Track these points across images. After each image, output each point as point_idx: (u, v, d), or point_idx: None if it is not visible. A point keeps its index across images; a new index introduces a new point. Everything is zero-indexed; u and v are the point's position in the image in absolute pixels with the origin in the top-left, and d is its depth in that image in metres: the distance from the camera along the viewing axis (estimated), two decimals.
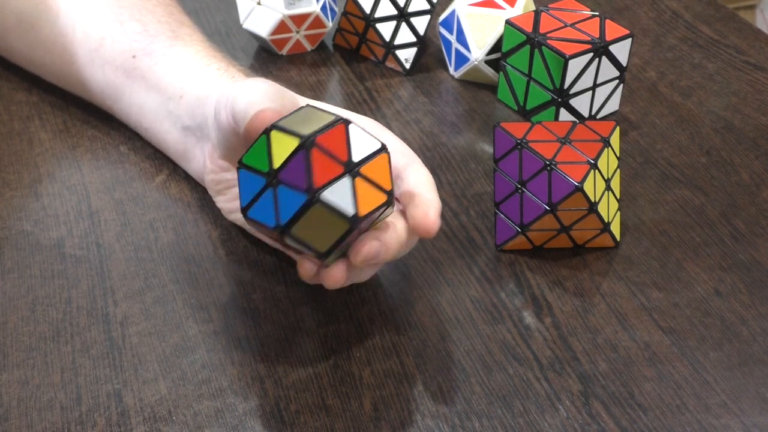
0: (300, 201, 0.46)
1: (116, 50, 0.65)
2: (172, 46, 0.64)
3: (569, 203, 0.55)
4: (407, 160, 0.54)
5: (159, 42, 0.64)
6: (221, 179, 0.59)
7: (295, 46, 0.79)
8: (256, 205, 0.48)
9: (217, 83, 0.59)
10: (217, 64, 0.62)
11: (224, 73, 0.60)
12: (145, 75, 0.64)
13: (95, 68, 0.67)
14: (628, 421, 0.49)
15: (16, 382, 0.51)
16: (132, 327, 0.54)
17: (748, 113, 0.72)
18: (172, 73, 0.62)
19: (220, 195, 0.60)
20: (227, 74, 0.60)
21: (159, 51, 0.64)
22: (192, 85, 0.61)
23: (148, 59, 0.64)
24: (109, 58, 0.66)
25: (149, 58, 0.64)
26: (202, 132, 0.59)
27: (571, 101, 0.68)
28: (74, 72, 0.68)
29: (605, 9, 0.86)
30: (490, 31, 0.73)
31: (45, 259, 0.59)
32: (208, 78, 0.60)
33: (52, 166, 0.66)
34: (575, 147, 0.56)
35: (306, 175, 0.46)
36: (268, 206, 0.47)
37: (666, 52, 0.80)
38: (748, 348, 0.53)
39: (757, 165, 0.67)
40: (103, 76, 0.66)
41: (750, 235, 0.61)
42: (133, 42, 0.65)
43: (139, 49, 0.64)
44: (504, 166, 0.58)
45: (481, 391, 0.51)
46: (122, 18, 0.66)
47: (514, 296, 0.57)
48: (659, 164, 0.67)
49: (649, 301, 0.56)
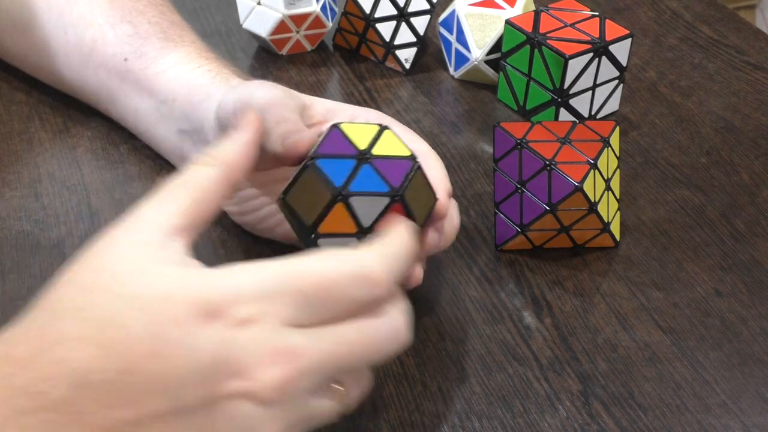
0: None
1: (108, 53, 0.65)
2: (162, 48, 0.64)
3: (569, 203, 0.55)
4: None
5: (150, 44, 0.64)
6: None
7: (295, 46, 0.79)
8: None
9: (210, 87, 0.59)
10: (209, 65, 0.61)
11: (216, 76, 0.60)
12: (138, 78, 0.63)
13: (89, 72, 0.66)
14: (628, 421, 0.49)
15: None
16: None
17: (748, 113, 0.72)
18: (163, 76, 0.62)
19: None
20: (219, 78, 0.59)
21: (150, 54, 0.63)
22: (184, 89, 0.60)
23: (140, 62, 0.63)
24: (101, 62, 0.65)
25: (140, 60, 0.63)
26: (198, 136, 0.59)
27: (571, 101, 0.68)
28: (69, 75, 0.68)
29: (605, 9, 0.86)
30: (490, 31, 0.73)
31: (45, 259, 0.59)
32: (201, 81, 0.60)
33: (52, 166, 0.66)
34: (575, 147, 0.56)
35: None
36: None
37: (666, 52, 0.80)
38: (748, 348, 0.53)
39: (757, 165, 0.67)
40: (97, 79, 0.66)
41: (750, 235, 0.61)
42: (124, 45, 0.65)
43: (131, 52, 0.64)
44: (504, 166, 0.58)
45: (481, 391, 0.51)
46: (113, 20, 0.66)
47: (514, 296, 0.57)
48: (659, 164, 0.67)
49: (649, 301, 0.56)
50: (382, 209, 0.46)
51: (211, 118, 0.56)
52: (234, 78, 0.59)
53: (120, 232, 0.41)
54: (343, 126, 0.48)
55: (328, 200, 0.45)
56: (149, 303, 0.38)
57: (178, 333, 0.38)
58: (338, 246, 0.43)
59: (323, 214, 0.46)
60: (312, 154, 0.46)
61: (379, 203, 0.46)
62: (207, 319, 0.38)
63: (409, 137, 0.53)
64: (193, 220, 0.42)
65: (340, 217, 0.46)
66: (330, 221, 0.46)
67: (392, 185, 0.46)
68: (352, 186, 0.46)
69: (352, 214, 0.46)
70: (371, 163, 0.46)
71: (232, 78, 0.59)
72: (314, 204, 0.46)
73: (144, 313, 0.38)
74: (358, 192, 0.46)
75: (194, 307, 0.38)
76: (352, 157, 0.46)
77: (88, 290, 0.40)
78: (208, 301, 0.38)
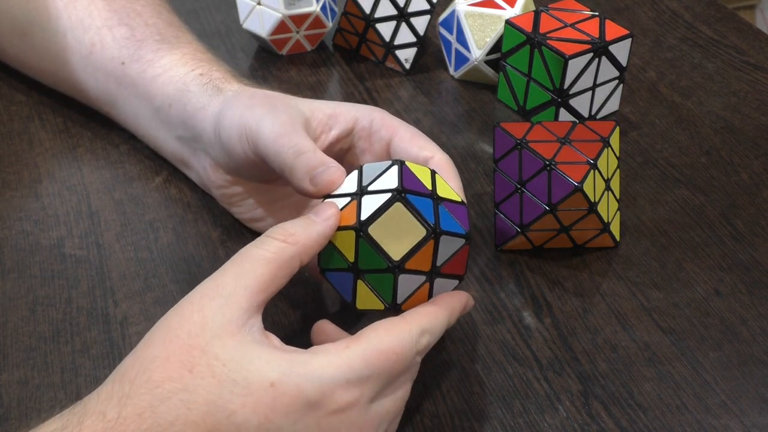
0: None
1: (106, 57, 0.65)
2: (158, 50, 0.63)
3: (569, 203, 0.55)
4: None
5: (146, 47, 0.64)
6: (233, 193, 0.59)
7: (295, 46, 0.79)
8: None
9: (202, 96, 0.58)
10: (201, 69, 0.61)
11: (208, 84, 0.59)
12: (135, 83, 0.63)
13: (88, 75, 0.66)
14: (627, 421, 0.49)
15: (16, 382, 0.51)
16: (132, 327, 0.54)
17: (748, 113, 0.72)
18: (159, 80, 0.62)
19: (234, 207, 0.60)
20: (211, 86, 0.59)
21: (146, 57, 0.63)
22: (177, 94, 0.60)
23: (137, 66, 0.63)
24: (100, 65, 0.65)
25: (137, 64, 0.63)
26: (197, 144, 0.59)
27: (570, 101, 0.68)
28: (69, 77, 0.68)
29: (605, 9, 0.86)
30: (490, 31, 0.73)
31: (45, 259, 0.59)
32: (192, 88, 0.59)
33: (52, 166, 0.66)
34: (575, 147, 0.56)
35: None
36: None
37: (666, 52, 0.80)
38: (748, 348, 0.53)
39: (757, 165, 0.67)
40: (96, 82, 0.66)
41: (750, 235, 0.61)
42: (121, 48, 0.64)
43: (128, 55, 0.64)
44: (504, 167, 0.58)
45: (481, 391, 0.51)
46: (111, 23, 0.66)
47: (514, 296, 0.57)
48: (659, 164, 0.67)
49: (649, 301, 0.56)
50: (456, 249, 0.47)
51: (209, 131, 0.56)
52: (227, 84, 0.59)
53: (209, 309, 0.43)
54: (409, 164, 0.47)
55: (422, 237, 0.45)
56: (255, 391, 0.41)
57: (282, 421, 0.41)
58: (410, 284, 0.46)
59: (414, 250, 0.46)
60: (398, 188, 0.45)
61: (455, 244, 0.47)
62: (309, 408, 0.42)
63: (422, 143, 0.54)
64: (268, 296, 0.44)
65: (424, 255, 0.46)
66: (416, 258, 0.46)
67: (465, 227, 0.47)
68: (441, 224, 0.46)
69: (435, 252, 0.46)
70: (444, 204, 0.47)
71: (224, 84, 0.59)
72: (402, 239, 0.45)
73: (249, 400, 0.41)
74: (446, 231, 0.46)
75: (297, 398, 0.41)
76: (428, 197, 0.46)
77: (187, 369, 0.41)
78: (311, 391, 0.41)
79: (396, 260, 0.45)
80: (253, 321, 0.43)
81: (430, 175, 0.48)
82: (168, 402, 0.40)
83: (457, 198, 0.48)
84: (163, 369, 0.41)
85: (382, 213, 0.45)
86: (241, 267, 0.44)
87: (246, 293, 0.43)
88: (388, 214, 0.45)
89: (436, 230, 0.45)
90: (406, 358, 0.44)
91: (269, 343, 0.43)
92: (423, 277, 0.47)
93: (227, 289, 0.43)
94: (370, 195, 0.46)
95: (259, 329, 0.43)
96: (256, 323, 0.43)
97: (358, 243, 0.46)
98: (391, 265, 0.46)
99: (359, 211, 0.46)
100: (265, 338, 0.43)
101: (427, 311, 0.46)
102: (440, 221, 0.46)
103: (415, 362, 0.45)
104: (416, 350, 0.45)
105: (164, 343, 0.42)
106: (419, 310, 0.46)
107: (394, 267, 0.46)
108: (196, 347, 0.41)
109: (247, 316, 0.43)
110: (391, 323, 0.45)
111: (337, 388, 0.42)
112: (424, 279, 0.47)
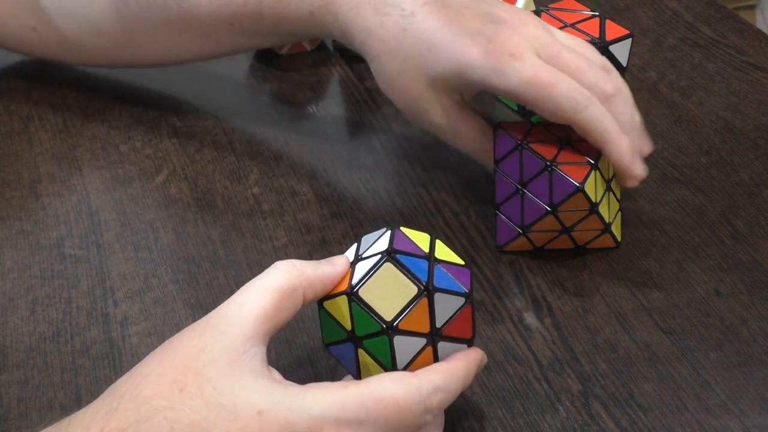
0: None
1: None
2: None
3: (570, 204, 0.55)
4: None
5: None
6: None
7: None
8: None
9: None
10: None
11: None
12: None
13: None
14: (627, 422, 0.49)
15: (16, 382, 0.51)
16: (132, 327, 0.54)
17: (748, 113, 0.72)
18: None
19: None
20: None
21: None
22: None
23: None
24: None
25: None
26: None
27: None
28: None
29: (605, 9, 0.85)
30: None
31: (45, 259, 0.59)
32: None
33: (52, 166, 0.66)
34: (576, 147, 0.56)
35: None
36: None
37: (666, 52, 0.80)
38: (748, 348, 0.53)
39: (757, 165, 0.67)
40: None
41: (750, 235, 0.61)
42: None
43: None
44: (504, 167, 0.58)
45: (481, 391, 0.51)
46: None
47: (514, 297, 0.57)
48: (659, 164, 0.67)
49: (649, 301, 0.56)
50: (456, 309, 0.46)
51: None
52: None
53: (211, 336, 0.42)
54: (404, 229, 0.47)
55: (414, 294, 0.45)
56: (241, 417, 0.40)
57: None
58: (408, 347, 0.45)
59: (406, 309, 0.45)
60: (387, 249, 0.45)
61: (455, 303, 0.46)
62: None
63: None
64: (273, 326, 0.44)
65: (419, 315, 0.45)
66: (410, 318, 0.45)
67: (465, 287, 0.46)
68: (435, 282, 0.45)
69: (431, 311, 0.45)
70: (441, 264, 0.46)
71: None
72: (393, 299, 0.45)
73: (234, 426, 0.40)
74: (441, 288, 0.45)
75: (284, 430, 0.40)
76: (423, 257, 0.46)
77: (178, 389, 0.41)
78: (299, 424, 0.40)
79: (388, 320, 0.44)
80: (255, 350, 0.42)
81: (428, 240, 0.47)
82: (153, 419, 0.40)
83: (459, 261, 0.47)
84: (154, 386, 0.41)
85: (371, 274, 0.45)
86: (246, 296, 0.44)
87: (249, 321, 0.43)
88: (378, 275, 0.45)
89: (429, 287, 0.44)
90: (410, 411, 0.42)
91: (268, 375, 0.42)
92: (423, 340, 0.45)
93: (231, 316, 0.43)
94: (362, 261, 0.46)
95: (261, 360, 0.42)
96: (258, 353, 0.42)
97: (351, 308, 0.45)
98: (384, 326, 0.44)
99: (352, 277, 0.45)
100: (265, 370, 0.42)
101: (440, 368, 0.45)
102: (434, 279, 0.45)
103: (424, 420, 0.43)
104: (425, 407, 0.43)
105: (161, 362, 0.42)
106: (432, 368, 0.45)
107: (386, 328, 0.44)
108: (192, 368, 0.41)
109: (249, 344, 0.42)
110: (400, 374, 0.44)
111: (326, 425, 0.41)
112: (425, 342, 0.45)
